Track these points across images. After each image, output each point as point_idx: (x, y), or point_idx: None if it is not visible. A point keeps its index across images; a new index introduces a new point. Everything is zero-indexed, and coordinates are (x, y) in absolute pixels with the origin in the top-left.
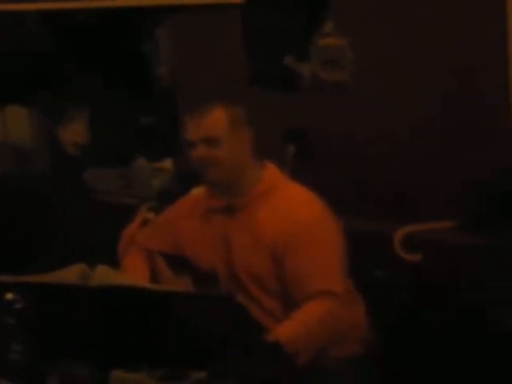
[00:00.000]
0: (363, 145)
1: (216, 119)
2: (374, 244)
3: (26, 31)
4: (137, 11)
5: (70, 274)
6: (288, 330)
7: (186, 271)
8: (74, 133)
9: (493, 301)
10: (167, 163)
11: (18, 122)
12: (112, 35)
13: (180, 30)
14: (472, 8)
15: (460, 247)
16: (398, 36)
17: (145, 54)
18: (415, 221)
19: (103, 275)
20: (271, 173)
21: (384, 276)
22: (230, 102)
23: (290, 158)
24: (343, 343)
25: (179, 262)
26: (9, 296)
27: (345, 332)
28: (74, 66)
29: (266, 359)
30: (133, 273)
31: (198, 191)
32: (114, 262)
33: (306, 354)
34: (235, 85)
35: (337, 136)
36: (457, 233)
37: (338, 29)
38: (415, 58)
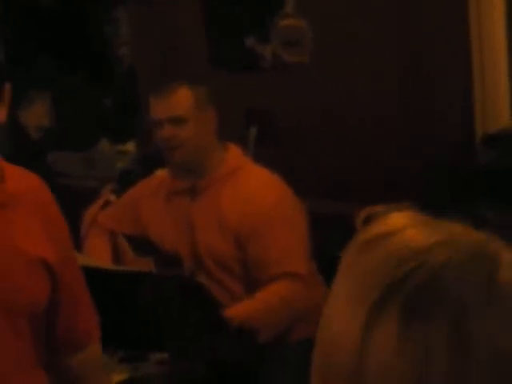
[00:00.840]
0: (324, 125)
1: (182, 98)
2: (336, 225)
3: None
4: None
5: None
6: (248, 307)
7: (148, 252)
8: (36, 116)
9: None
10: (130, 145)
11: None
12: (72, 17)
13: (140, 11)
14: None
15: None
16: (357, 16)
17: (105, 35)
18: (377, 202)
19: None
20: (234, 154)
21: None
22: (194, 82)
23: (253, 139)
24: (304, 324)
25: (142, 243)
26: None
27: (306, 313)
28: (35, 49)
29: (227, 338)
30: (95, 254)
31: (161, 173)
32: (76, 243)
33: (267, 331)
34: (196, 66)
35: (297, 116)
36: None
37: (298, 10)
38: (373, 38)
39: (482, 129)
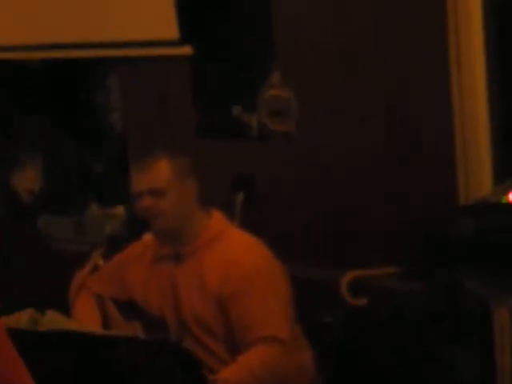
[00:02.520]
0: (309, 192)
1: (160, 171)
2: (321, 289)
3: None
4: (88, 60)
5: (20, 319)
6: (233, 373)
7: (136, 317)
8: (28, 180)
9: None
10: (119, 209)
11: None
12: (63, 83)
13: (131, 79)
14: (418, 56)
15: (403, 292)
16: (342, 86)
17: (96, 101)
18: (361, 266)
19: (53, 320)
20: (217, 221)
21: (331, 321)
22: (174, 154)
23: (239, 204)
24: None
25: (130, 308)
26: None
27: (290, 377)
28: (25, 114)
29: None
30: (84, 317)
31: (148, 237)
32: (65, 308)
33: None
34: (183, 134)
35: (282, 183)
36: (400, 278)
37: (284, 80)
38: (357, 109)
39: (465, 197)
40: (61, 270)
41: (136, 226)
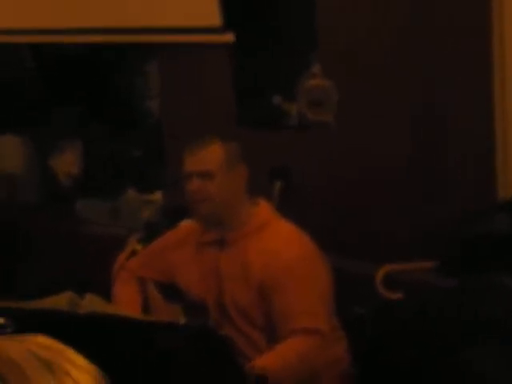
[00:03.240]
0: (345, 183)
1: (212, 154)
2: (356, 282)
3: (20, 63)
4: (128, 46)
5: (60, 301)
6: (270, 361)
7: (177, 300)
8: (67, 163)
9: (466, 340)
10: (156, 195)
11: (11, 152)
12: (102, 69)
13: (170, 66)
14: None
15: (438, 287)
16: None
17: (135, 87)
18: (396, 260)
19: (92, 303)
20: (264, 210)
21: (364, 313)
22: (226, 139)
23: (277, 194)
24: (323, 378)
25: (171, 290)
26: (0, 320)
27: (326, 368)
28: (65, 100)
29: None
30: (124, 301)
31: (186, 224)
32: (102, 291)
33: None
34: (221, 122)
35: (318, 174)
36: (436, 273)
37: (324, 70)
38: (395, 101)
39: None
40: (97, 254)
41: (173, 213)
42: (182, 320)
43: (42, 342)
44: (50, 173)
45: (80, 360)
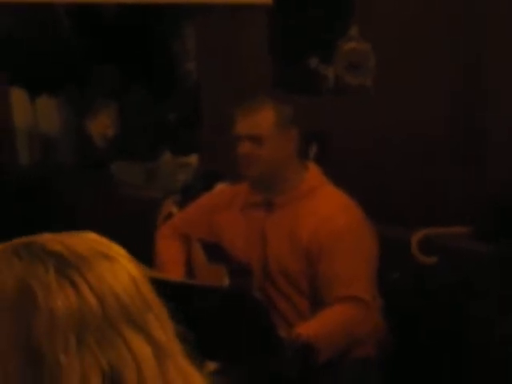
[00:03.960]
0: (381, 149)
1: (263, 118)
2: (391, 246)
3: (57, 25)
4: (165, 8)
5: None
6: (312, 330)
7: (222, 261)
8: (103, 125)
9: (502, 309)
10: (192, 158)
11: (47, 113)
12: (139, 31)
13: (207, 28)
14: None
15: (474, 253)
16: (421, 42)
17: (171, 50)
18: (432, 224)
19: None
20: (314, 175)
21: (400, 279)
22: (279, 101)
23: (313, 157)
24: (361, 345)
25: (216, 251)
26: None
27: (366, 335)
28: (103, 61)
29: (280, 355)
30: (167, 261)
31: (222, 187)
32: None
33: (325, 353)
34: (258, 85)
35: (358, 138)
36: (471, 239)
37: (362, 33)
38: (433, 64)
39: None
40: (133, 215)
41: (209, 176)
42: (226, 281)
43: (94, 237)
44: (86, 134)
45: (123, 251)
